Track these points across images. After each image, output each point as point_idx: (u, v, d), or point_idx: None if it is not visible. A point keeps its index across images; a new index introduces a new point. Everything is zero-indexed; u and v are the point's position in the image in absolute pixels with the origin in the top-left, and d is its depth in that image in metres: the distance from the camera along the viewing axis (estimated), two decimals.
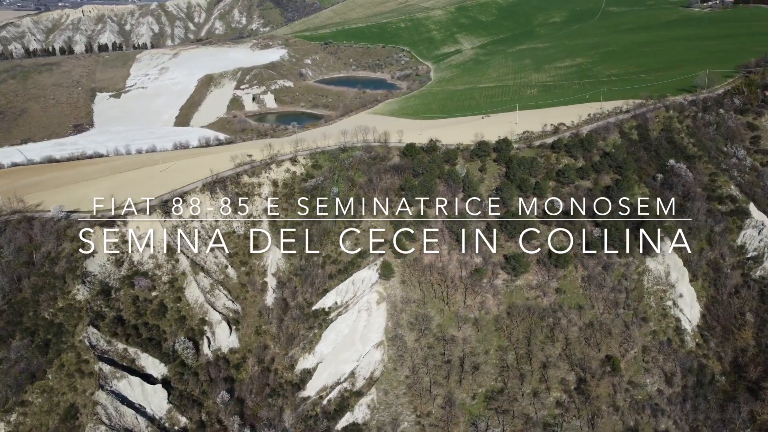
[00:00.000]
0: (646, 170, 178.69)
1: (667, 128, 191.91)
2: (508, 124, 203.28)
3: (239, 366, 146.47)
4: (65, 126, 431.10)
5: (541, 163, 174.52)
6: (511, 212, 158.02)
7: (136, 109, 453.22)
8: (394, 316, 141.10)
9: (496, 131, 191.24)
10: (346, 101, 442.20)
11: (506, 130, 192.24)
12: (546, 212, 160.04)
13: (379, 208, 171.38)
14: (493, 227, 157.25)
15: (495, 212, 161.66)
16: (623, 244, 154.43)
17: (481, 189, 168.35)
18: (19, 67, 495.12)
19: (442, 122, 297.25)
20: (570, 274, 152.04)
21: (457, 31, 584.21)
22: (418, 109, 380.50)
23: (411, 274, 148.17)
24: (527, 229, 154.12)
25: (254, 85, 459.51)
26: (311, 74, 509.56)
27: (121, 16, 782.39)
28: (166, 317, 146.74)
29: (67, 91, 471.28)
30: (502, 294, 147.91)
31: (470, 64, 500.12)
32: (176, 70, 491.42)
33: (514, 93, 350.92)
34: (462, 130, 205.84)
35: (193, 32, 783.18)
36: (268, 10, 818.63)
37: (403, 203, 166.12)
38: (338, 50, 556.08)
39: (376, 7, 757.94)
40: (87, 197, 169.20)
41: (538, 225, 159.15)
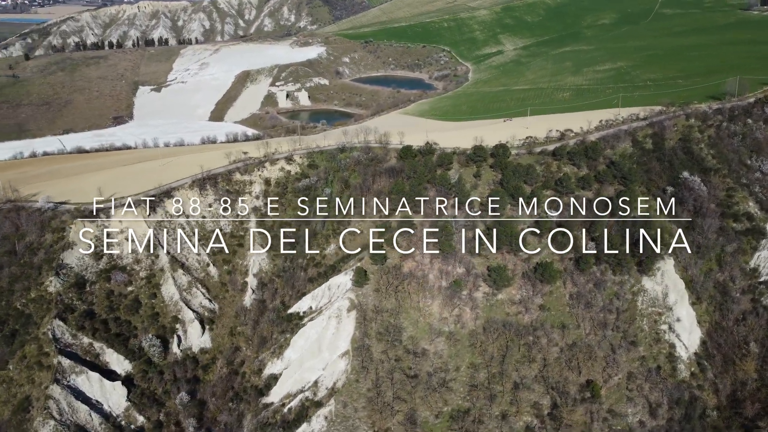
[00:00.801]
0: (656, 182, 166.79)
1: (685, 138, 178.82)
2: (524, 129, 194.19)
3: (208, 367, 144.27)
4: (106, 118, 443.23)
5: (540, 171, 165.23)
6: (501, 222, 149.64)
7: (174, 103, 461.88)
8: (363, 325, 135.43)
9: (505, 136, 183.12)
10: (379, 100, 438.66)
11: (517, 134, 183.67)
12: (538, 223, 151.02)
13: (369, 211, 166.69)
14: (480, 237, 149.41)
15: (485, 221, 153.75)
16: (619, 260, 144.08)
17: (473, 196, 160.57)
18: (68, 60, 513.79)
19: (464, 124, 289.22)
20: (557, 291, 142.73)
21: (501, 31, 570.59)
22: (447, 110, 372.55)
23: (387, 281, 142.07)
24: (515, 241, 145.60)
25: (289, 82, 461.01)
26: (348, 72, 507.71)
27: (175, 12, 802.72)
28: (139, 313, 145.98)
29: (111, 83, 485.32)
30: (481, 308, 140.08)
31: (510, 65, 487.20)
32: (216, 66, 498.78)
33: (546, 96, 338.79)
34: (472, 134, 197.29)
35: (242, 29, 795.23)
36: (317, 8, 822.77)
37: (391, 208, 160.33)
38: (378, 49, 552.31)
39: (423, 6, 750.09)
40: (80, 189, 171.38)
41: (528, 236, 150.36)
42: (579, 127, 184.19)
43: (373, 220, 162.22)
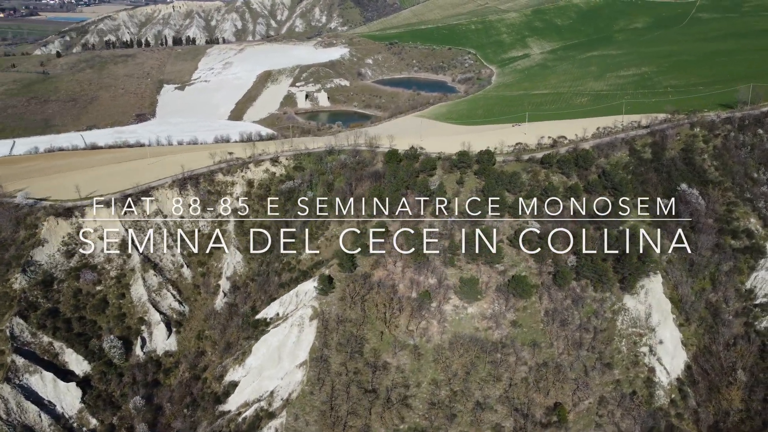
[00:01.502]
0: (651, 194, 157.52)
1: (688, 148, 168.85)
2: (523, 135, 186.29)
3: (170, 371, 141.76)
4: (129, 115, 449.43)
5: (526, 179, 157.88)
6: (478, 232, 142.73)
7: (197, 101, 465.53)
8: (324, 335, 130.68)
9: (502, 141, 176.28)
10: (398, 102, 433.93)
11: (506, 141, 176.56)
12: (518, 234, 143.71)
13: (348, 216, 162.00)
14: (456, 247, 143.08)
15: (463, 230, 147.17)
16: (600, 276, 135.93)
17: (454, 203, 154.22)
18: (98, 58, 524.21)
19: (474, 129, 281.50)
20: (532, 306, 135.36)
21: (529, 34, 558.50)
22: (463, 113, 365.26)
23: (355, 290, 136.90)
24: (491, 252, 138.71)
25: (310, 83, 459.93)
26: (370, 74, 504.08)
27: (209, 11, 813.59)
28: (106, 313, 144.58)
29: (137, 81, 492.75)
30: (449, 321, 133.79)
31: (535, 69, 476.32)
32: (239, 66, 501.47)
33: (563, 101, 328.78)
34: (476, 138, 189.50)
35: (274, 29, 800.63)
36: (348, 9, 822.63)
37: (369, 214, 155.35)
38: (402, 51, 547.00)
39: (454, 9, 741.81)
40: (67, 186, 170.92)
41: (506, 248, 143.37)
42: (574, 134, 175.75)
43: (349, 225, 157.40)
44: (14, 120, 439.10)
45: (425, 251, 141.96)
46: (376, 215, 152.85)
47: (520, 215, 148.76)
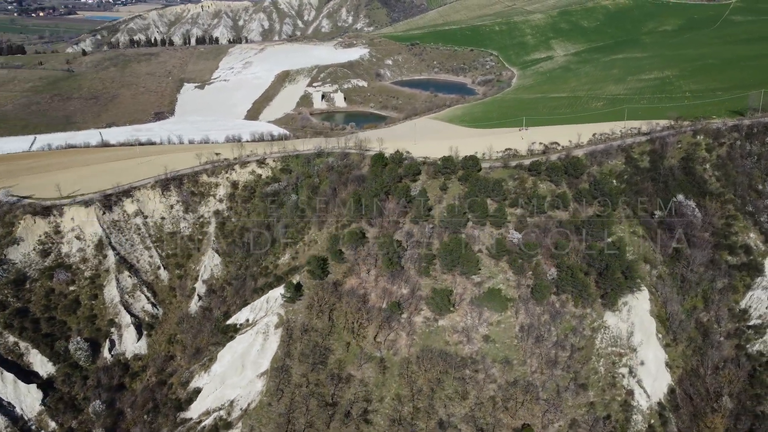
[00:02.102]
0: (645, 205, 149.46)
1: (688, 157, 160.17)
2: (529, 140, 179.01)
3: (137, 375, 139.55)
4: (148, 113, 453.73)
5: (512, 187, 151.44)
6: (457, 240, 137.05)
7: (215, 100, 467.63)
8: (288, 344, 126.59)
9: (500, 146, 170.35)
10: (415, 104, 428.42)
11: (495, 146, 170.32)
12: (498, 244, 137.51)
13: (329, 221, 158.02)
14: (431, 256, 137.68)
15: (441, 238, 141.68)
16: (581, 291, 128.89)
17: (435, 210, 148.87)
18: (122, 56, 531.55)
19: (484, 132, 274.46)
20: (506, 320, 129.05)
21: (553, 36, 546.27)
22: (477, 116, 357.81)
23: (324, 298, 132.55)
24: (467, 263, 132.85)
25: (327, 83, 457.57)
26: (389, 75, 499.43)
27: (236, 11, 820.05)
28: (77, 314, 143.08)
29: (158, 80, 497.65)
30: (419, 334, 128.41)
31: (558, 71, 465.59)
32: (258, 65, 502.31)
33: (579, 105, 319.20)
34: (481, 142, 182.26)
35: (300, 29, 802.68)
36: (375, 10, 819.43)
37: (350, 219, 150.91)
38: (423, 52, 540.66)
39: (481, 10, 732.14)
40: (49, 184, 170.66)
41: (484, 258, 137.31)
42: (568, 141, 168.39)
43: (328, 231, 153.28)
44: (37, 116, 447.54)
45: (400, 260, 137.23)
46: (353, 221, 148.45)
47: (501, 224, 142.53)
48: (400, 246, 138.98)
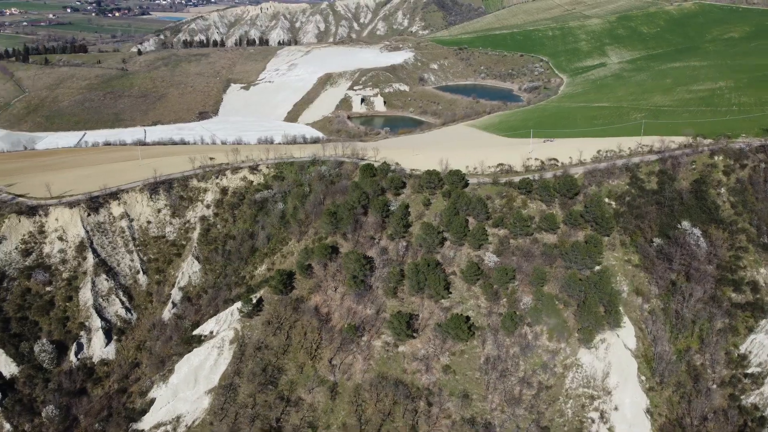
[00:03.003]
0: (645, 231, 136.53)
1: (703, 179, 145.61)
2: (545, 152, 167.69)
3: (100, 381, 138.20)
4: (193, 112, 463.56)
5: (498, 205, 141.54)
6: (426, 261, 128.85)
7: (258, 101, 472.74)
8: (240, 362, 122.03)
9: (504, 158, 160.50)
10: (455, 110, 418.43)
11: (487, 161, 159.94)
12: (474, 266, 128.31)
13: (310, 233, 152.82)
14: (401, 276, 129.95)
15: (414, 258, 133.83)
16: (556, 324, 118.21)
17: (414, 227, 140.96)
18: (174, 56, 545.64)
19: (512, 141, 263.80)
20: (471, 351, 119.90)
21: (609, 42, 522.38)
22: (513, 125, 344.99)
23: (284, 315, 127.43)
24: (436, 285, 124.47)
25: (368, 87, 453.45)
26: (433, 79, 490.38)
27: (294, 13, 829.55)
28: (49, 315, 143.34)
29: (206, 80, 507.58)
30: (376, 359, 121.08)
31: (609, 79, 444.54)
32: (302, 67, 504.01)
33: (618, 116, 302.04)
34: (488, 153, 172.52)
35: (356, 32, 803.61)
36: (432, 13, 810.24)
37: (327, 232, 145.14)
38: (471, 56, 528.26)
39: (539, 14, 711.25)
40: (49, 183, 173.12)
41: (457, 281, 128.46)
42: (568, 157, 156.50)
43: (305, 243, 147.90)
44: (90, 113, 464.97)
45: (367, 278, 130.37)
46: (329, 234, 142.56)
47: (480, 245, 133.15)
48: (369, 263, 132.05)
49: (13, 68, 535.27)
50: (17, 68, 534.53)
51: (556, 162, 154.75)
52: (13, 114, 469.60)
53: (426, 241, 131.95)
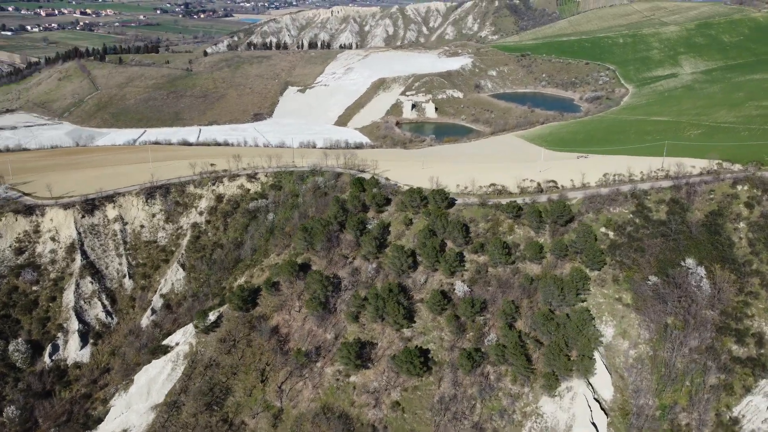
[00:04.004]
0: (642, 267, 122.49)
1: (720, 211, 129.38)
2: (565, 170, 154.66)
3: (69, 384, 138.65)
4: (248, 113, 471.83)
5: (482, 229, 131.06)
6: (388, 287, 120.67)
7: (312, 104, 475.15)
8: (188, 379, 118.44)
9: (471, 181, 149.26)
10: (508, 119, 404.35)
11: (478, 180, 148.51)
12: (442, 296, 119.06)
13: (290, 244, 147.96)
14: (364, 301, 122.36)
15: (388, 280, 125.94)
16: (522, 366, 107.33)
17: (393, 248, 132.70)
18: (236, 58, 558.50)
19: (551, 155, 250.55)
20: (426, 387, 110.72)
21: (684, 51, 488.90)
22: (562, 137, 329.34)
23: (242, 332, 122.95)
24: (396, 314, 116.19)
25: (421, 93, 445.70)
26: (490, 86, 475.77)
27: (364, 17, 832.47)
28: (32, 315, 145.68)
29: (265, 82, 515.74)
30: (326, 388, 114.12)
31: (678, 91, 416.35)
32: (358, 71, 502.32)
33: (672, 132, 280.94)
34: (516, 168, 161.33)
35: (424, 36, 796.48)
36: (503, 18, 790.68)
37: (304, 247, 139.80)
38: (533, 63, 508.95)
39: (615, 20, 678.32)
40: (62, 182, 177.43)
41: (422, 310, 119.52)
42: (569, 180, 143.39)
43: (282, 257, 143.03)
44: (152, 111, 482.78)
45: (329, 300, 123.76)
46: (303, 251, 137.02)
47: (454, 272, 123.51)
48: (334, 285, 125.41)
49: (91, 67, 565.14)
50: (94, 67, 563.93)
51: (555, 185, 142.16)
52: (84, 110, 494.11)
53: (395, 265, 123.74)
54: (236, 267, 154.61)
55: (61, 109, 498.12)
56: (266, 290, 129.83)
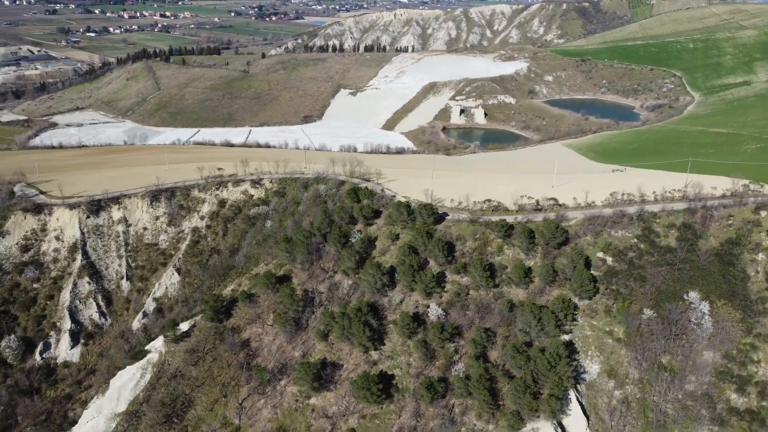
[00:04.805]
0: (640, 298, 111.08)
1: (738, 239, 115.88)
2: (588, 184, 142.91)
3: (56, 383, 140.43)
4: (299, 115, 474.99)
5: (468, 248, 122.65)
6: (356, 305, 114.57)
7: (362, 107, 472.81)
8: (153, 388, 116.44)
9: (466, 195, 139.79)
10: (560, 126, 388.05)
11: (471, 194, 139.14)
12: (415, 318, 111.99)
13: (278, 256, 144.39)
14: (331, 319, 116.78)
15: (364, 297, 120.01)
16: (487, 401, 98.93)
17: (369, 264, 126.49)
18: (292, 60, 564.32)
19: (593, 167, 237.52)
20: (385, 416, 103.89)
21: (760, 57, 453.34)
22: (613, 147, 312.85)
23: (212, 344, 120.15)
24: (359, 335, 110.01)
25: (471, 97, 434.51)
26: (545, 92, 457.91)
27: (427, 20, 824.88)
28: (29, 312, 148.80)
29: (318, 84, 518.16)
30: (284, 409, 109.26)
31: (749, 100, 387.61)
32: (410, 75, 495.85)
33: (727, 146, 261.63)
34: (541, 181, 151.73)
35: (488, 39, 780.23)
36: (570, 21, 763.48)
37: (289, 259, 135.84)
38: (593, 69, 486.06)
39: (689, 23, 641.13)
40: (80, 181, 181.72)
41: (392, 333, 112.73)
42: (572, 198, 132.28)
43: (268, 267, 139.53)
44: (207, 111, 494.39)
45: (301, 316, 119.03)
46: (286, 262, 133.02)
47: (431, 294, 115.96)
48: (307, 300, 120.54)
49: (156, 67, 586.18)
50: (159, 67, 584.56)
51: (556, 202, 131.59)
52: (146, 109, 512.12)
53: (369, 282, 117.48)
54: (228, 274, 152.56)
55: (125, 108, 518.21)
56: (242, 301, 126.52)
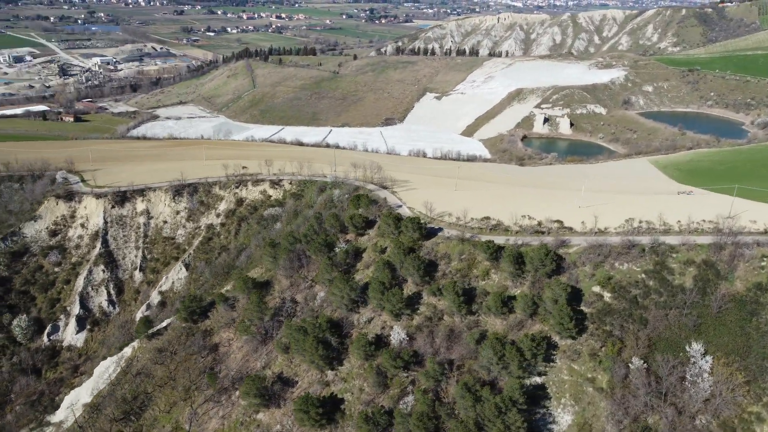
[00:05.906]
0: (632, 344, 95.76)
1: (765, 286, 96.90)
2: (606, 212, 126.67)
3: (57, 365, 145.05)
4: (380, 117, 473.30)
5: (452, 269, 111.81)
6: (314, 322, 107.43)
7: (444, 112, 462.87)
8: (118, 383, 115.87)
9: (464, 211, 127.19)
10: (652, 140, 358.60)
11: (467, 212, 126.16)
12: (363, 340, 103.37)
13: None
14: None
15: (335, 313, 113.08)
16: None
17: (354, 278, 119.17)
18: (382, 63, 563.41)
19: (658, 186, 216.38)
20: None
21: None
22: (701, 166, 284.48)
23: (180, 345, 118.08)
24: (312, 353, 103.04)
25: (557, 106, 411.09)
26: (642, 103, 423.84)
27: (531, 24, 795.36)
28: (46, 294, 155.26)
29: (404, 87, 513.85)
30: (231, 421, 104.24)
31: None
32: (498, 80, 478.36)
33: None
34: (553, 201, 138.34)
35: (595, 46, 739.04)
36: (688, 28, 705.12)
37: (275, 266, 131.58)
38: (700, 80, 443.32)
39: None
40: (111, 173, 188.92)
41: (352, 355, 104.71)
42: (580, 222, 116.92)
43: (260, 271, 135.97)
44: (294, 110, 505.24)
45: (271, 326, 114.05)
46: (271, 269, 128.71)
47: (400, 315, 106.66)
48: (276, 310, 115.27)
49: (255, 66, 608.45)
50: (257, 66, 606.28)
51: (561, 225, 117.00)
52: (240, 106, 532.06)
53: (337, 297, 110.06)
54: (230, 274, 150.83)
55: (221, 103, 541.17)
56: (219, 305, 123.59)
